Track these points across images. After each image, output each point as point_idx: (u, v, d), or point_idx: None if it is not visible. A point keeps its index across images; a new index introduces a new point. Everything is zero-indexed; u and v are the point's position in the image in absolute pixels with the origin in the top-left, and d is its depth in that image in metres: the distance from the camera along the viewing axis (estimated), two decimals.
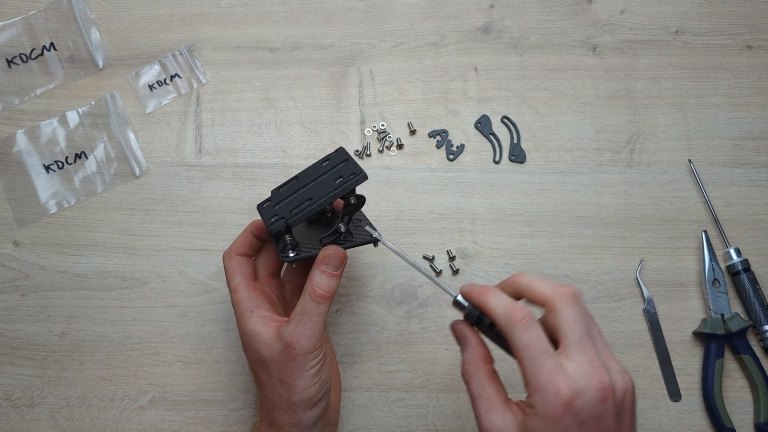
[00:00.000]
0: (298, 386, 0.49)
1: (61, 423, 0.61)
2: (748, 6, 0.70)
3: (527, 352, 0.41)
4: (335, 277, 0.51)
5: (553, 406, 0.39)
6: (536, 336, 0.42)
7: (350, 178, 0.51)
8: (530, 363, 0.41)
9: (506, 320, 0.43)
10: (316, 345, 0.49)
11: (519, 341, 0.42)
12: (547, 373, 0.40)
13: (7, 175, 0.66)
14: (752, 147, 0.67)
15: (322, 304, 0.50)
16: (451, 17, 0.70)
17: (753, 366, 0.61)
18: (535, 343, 0.41)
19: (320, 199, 0.51)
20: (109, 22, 0.70)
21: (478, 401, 0.45)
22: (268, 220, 0.52)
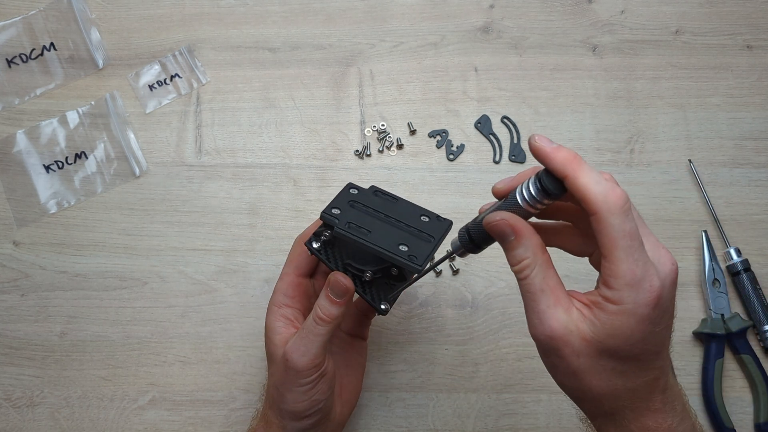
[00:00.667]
0: (286, 397, 0.49)
1: (61, 423, 0.61)
2: (748, 6, 0.70)
3: (625, 242, 0.36)
4: (337, 305, 0.49)
5: (646, 302, 0.36)
6: (633, 224, 0.37)
7: (409, 258, 0.47)
8: (627, 255, 0.36)
9: (605, 201, 0.36)
10: (309, 364, 0.48)
11: (620, 229, 0.36)
12: (643, 267, 0.36)
13: (7, 175, 0.66)
14: (752, 147, 0.67)
15: (320, 326, 0.49)
16: (451, 17, 0.70)
17: (753, 366, 0.61)
18: (634, 233, 0.37)
19: (373, 243, 0.47)
20: (109, 22, 0.70)
21: (540, 296, 0.39)
22: (330, 207, 0.49)
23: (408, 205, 0.52)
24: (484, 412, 0.61)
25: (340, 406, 0.54)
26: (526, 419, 0.61)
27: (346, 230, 0.48)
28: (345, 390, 0.55)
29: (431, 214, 0.51)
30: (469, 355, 0.62)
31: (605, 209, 0.36)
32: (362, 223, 0.49)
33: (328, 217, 0.49)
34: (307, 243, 0.51)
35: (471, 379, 0.62)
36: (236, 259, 0.65)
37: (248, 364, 0.62)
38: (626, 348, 0.37)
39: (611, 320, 0.37)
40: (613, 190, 0.37)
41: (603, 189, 0.37)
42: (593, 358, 0.38)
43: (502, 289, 0.64)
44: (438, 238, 0.49)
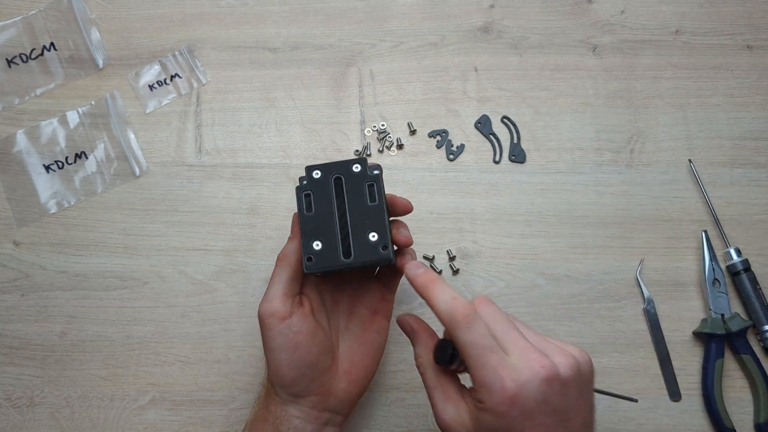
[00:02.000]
0: (268, 358, 0.51)
1: (61, 423, 0.61)
2: (748, 6, 0.70)
3: (471, 351, 0.42)
4: (291, 240, 0.52)
5: (500, 402, 0.40)
6: (479, 334, 0.42)
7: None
8: (475, 361, 0.42)
9: (449, 319, 0.43)
10: (270, 311, 0.50)
11: (462, 341, 0.42)
12: (491, 370, 0.41)
13: (7, 175, 0.66)
14: (752, 147, 0.67)
15: (277, 266, 0.51)
16: (451, 17, 0.70)
17: (753, 366, 0.61)
18: (478, 341, 0.42)
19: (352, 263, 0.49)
20: (109, 22, 0.70)
21: (433, 392, 0.46)
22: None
23: (379, 211, 0.50)
24: None
25: (346, 383, 0.53)
26: None
27: (297, 194, 0.50)
28: (355, 368, 0.54)
29: (381, 237, 0.49)
30: None
31: (450, 325, 0.43)
32: (318, 199, 0.50)
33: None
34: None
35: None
36: (236, 259, 0.65)
37: (248, 364, 0.62)
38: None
39: (479, 415, 0.42)
40: (455, 307, 0.43)
41: (448, 307, 0.43)
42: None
43: (502, 289, 0.64)
44: (352, 261, 0.49)
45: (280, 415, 0.52)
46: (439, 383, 0.46)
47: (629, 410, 0.61)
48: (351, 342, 0.55)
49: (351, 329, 0.55)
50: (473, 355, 0.42)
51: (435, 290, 0.44)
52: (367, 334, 0.55)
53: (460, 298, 0.43)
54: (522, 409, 0.40)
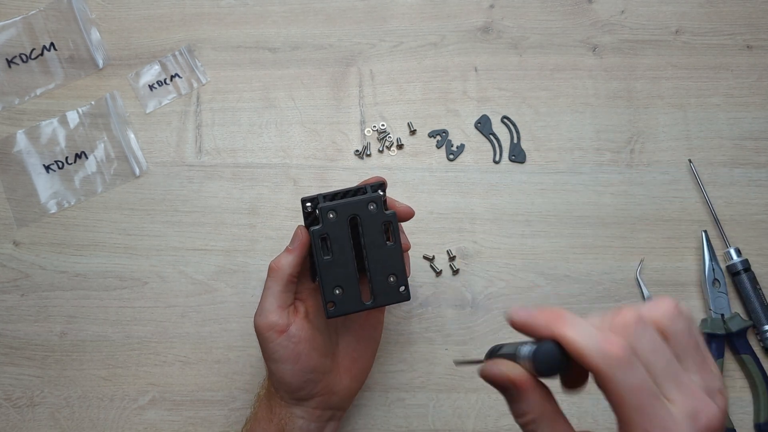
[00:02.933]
0: (271, 369, 0.51)
1: (61, 423, 0.61)
2: (748, 6, 0.70)
3: (633, 400, 0.32)
4: (287, 252, 0.52)
5: None
6: (641, 376, 0.32)
7: (325, 303, 0.49)
8: (638, 414, 0.32)
9: (601, 357, 0.32)
10: (267, 325, 0.50)
11: (622, 385, 0.32)
12: (659, 427, 0.32)
13: (7, 175, 0.66)
14: (752, 147, 0.67)
15: (270, 278, 0.51)
16: (451, 17, 0.70)
17: (753, 366, 0.61)
18: (643, 386, 0.32)
19: (319, 269, 0.50)
20: (109, 22, 0.70)
21: None
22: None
23: (395, 253, 0.50)
24: (484, 412, 0.61)
25: (348, 380, 0.54)
26: None
27: (314, 239, 0.50)
28: (355, 364, 0.55)
29: (400, 279, 0.50)
30: (469, 355, 0.62)
31: (603, 365, 0.32)
32: (335, 243, 0.50)
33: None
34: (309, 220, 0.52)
35: (471, 379, 0.62)
36: (236, 259, 0.65)
37: (248, 364, 0.62)
38: None
39: None
40: (608, 341, 0.32)
41: (596, 342, 0.32)
42: None
43: (502, 289, 0.64)
44: (372, 305, 0.50)
45: (285, 416, 0.52)
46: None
47: None
48: (349, 338, 0.55)
49: (348, 326, 0.55)
50: (634, 406, 0.32)
51: (568, 325, 0.34)
52: (363, 330, 0.56)
53: (606, 330, 0.33)
54: None
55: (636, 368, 0.32)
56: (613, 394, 0.32)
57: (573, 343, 0.33)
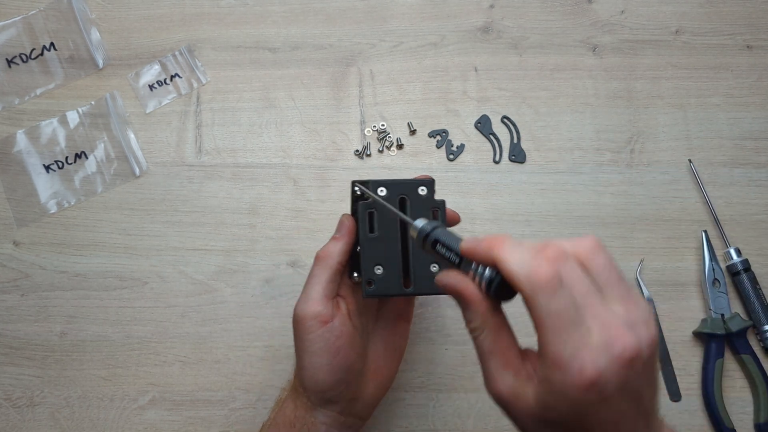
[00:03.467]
0: (305, 362, 0.49)
1: (61, 423, 0.61)
2: (748, 6, 0.70)
3: (549, 322, 0.34)
4: (334, 240, 0.51)
5: (575, 386, 0.34)
6: (564, 303, 0.35)
7: (367, 281, 0.48)
8: (553, 336, 0.34)
9: (529, 281, 0.35)
10: (311, 313, 0.48)
11: (544, 309, 0.35)
12: (571, 349, 0.34)
13: (7, 175, 0.66)
14: (752, 147, 0.67)
15: (317, 266, 0.50)
16: (451, 17, 0.70)
17: (753, 366, 0.61)
18: (562, 313, 0.34)
19: (361, 244, 0.49)
20: (109, 22, 0.70)
21: (489, 357, 0.38)
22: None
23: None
24: (484, 412, 0.61)
25: (373, 387, 0.53)
26: None
27: (361, 212, 0.49)
28: (380, 372, 0.53)
29: (442, 269, 0.49)
30: (469, 355, 0.62)
31: (529, 288, 0.35)
32: (382, 219, 0.49)
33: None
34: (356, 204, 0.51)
35: (471, 379, 0.62)
36: (236, 259, 0.65)
37: (248, 364, 0.62)
38: (564, 420, 0.35)
39: (545, 397, 0.35)
40: (539, 267, 0.35)
41: (526, 267, 0.35)
42: (538, 424, 0.37)
43: None
44: (412, 291, 0.49)
45: (308, 420, 0.50)
46: (498, 347, 0.38)
47: None
48: (377, 345, 0.54)
49: (378, 332, 0.54)
50: (551, 328, 0.34)
51: (506, 249, 0.36)
52: (392, 338, 0.54)
53: (539, 257, 0.35)
54: (599, 395, 0.34)
55: (558, 296, 0.35)
56: (535, 316, 0.35)
57: (507, 266, 0.36)
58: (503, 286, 0.37)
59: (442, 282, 0.40)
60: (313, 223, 0.65)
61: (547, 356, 0.35)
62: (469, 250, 0.39)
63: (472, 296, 0.39)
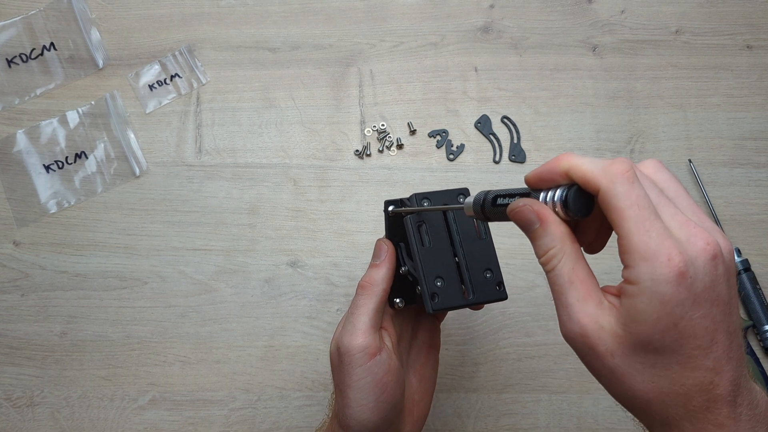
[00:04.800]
0: (349, 398, 0.45)
1: (61, 423, 0.61)
2: (748, 6, 0.70)
3: (632, 212, 0.32)
4: (376, 267, 0.48)
5: (665, 278, 0.31)
6: (642, 193, 0.33)
7: (431, 295, 0.46)
8: (637, 225, 0.32)
9: (605, 173, 0.33)
10: (359, 345, 0.45)
11: (625, 198, 0.33)
12: (656, 238, 0.32)
13: (7, 175, 0.66)
14: (752, 147, 0.67)
15: (361, 296, 0.47)
16: (451, 17, 0.70)
17: (753, 366, 0.61)
18: (643, 202, 0.33)
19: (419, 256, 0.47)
20: (109, 22, 0.70)
21: (568, 289, 0.35)
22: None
23: (488, 248, 0.49)
24: (484, 412, 0.61)
25: (410, 424, 0.49)
26: (526, 419, 0.61)
27: (411, 226, 0.47)
28: (417, 407, 0.50)
29: (496, 275, 0.49)
30: (469, 355, 0.62)
31: (606, 180, 0.33)
32: (431, 231, 0.47)
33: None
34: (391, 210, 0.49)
35: (471, 379, 0.62)
36: (236, 259, 0.65)
37: (248, 364, 0.62)
38: (656, 336, 0.32)
39: (633, 304, 0.32)
40: (612, 163, 0.34)
41: (601, 164, 0.34)
42: (628, 355, 0.33)
43: None
44: (474, 300, 0.47)
45: None
46: (577, 276, 0.35)
47: None
48: (412, 379, 0.51)
49: (411, 365, 0.51)
50: (634, 217, 0.32)
51: (575, 157, 0.35)
52: (424, 370, 0.51)
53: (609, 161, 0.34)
54: (690, 290, 0.32)
55: (637, 185, 0.33)
56: (614, 209, 0.33)
57: (581, 168, 0.34)
58: (579, 197, 0.35)
59: (516, 206, 0.37)
60: (313, 223, 0.65)
61: (633, 250, 0.32)
62: (536, 173, 0.37)
63: (549, 216, 0.36)
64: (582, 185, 0.35)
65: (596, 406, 0.61)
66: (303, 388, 0.62)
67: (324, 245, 0.65)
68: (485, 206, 0.40)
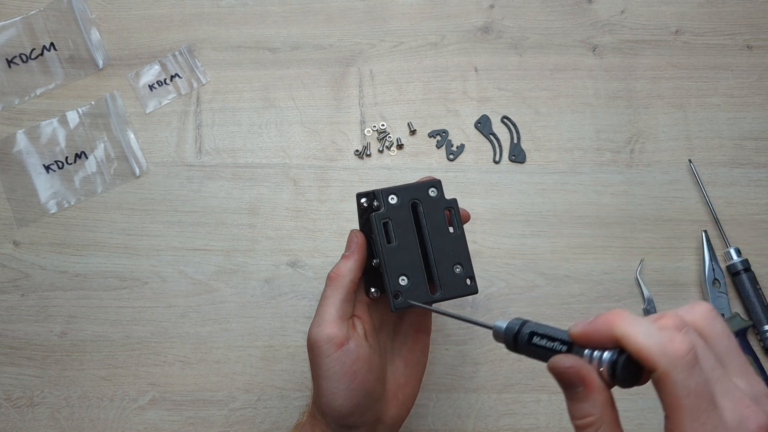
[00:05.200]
0: (322, 387, 0.47)
1: (61, 423, 0.61)
2: (748, 6, 0.70)
3: (689, 402, 0.31)
4: (345, 258, 0.49)
5: None
6: (702, 380, 0.31)
7: (394, 294, 0.46)
8: (691, 418, 0.31)
9: (664, 356, 0.31)
10: (325, 336, 0.46)
11: (683, 387, 0.31)
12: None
13: (7, 175, 0.66)
14: (752, 147, 0.67)
15: (329, 287, 0.48)
16: (451, 17, 0.70)
17: (753, 366, 0.61)
18: (702, 391, 0.31)
19: (384, 256, 0.46)
20: (109, 22, 0.70)
21: None
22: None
23: (460, 241, 0.49)
24: (484, 412, 0.61)
25: (396, 408, 0.50)
26: (526, 419, 0.61)
27: (376, 223, 0.47)
28: (402, 391, 0.51)
29: (467, 269, 0.48)
30: (469, 355, 0.62)
31: (665, 362, 0.31)
32: (398, 228, 0.47)
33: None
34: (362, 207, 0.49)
35: (471, 379, 0.62)
36: (236, 259, 0.65)
37: (248, 364, 0.62)
38: None
39: None
40: (672, 339, 0.32)
41: (659, 340, 0.32)
42: None
43: (502, 289, 0.64)
44: (441, 297, 0.48)
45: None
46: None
47: (629, 410, 0.61)
48: (397, 364, 0.52)
49: (396, 350, 0.52)
50: (689, 409, 0.31)
51: (628, 323, 0.33)
52: (411, 354, 0.52)
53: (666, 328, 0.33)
54: None
55: (696, 371, 0.31)
56: (670, 396, 0.31)
57: (635, 341, 0.32)
58: (630, 369, 0.33)
59: (562, 366, 0.35)
60: (313, 223, 0.65)
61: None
62: (582, 332, 0.35)
63: (595, 383, 0.34)
64: (635, 358, 0.33)
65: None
66: (303, 388, 0.62)
67: (324, 245, 0.65)
68: (519, 340, 0.38)
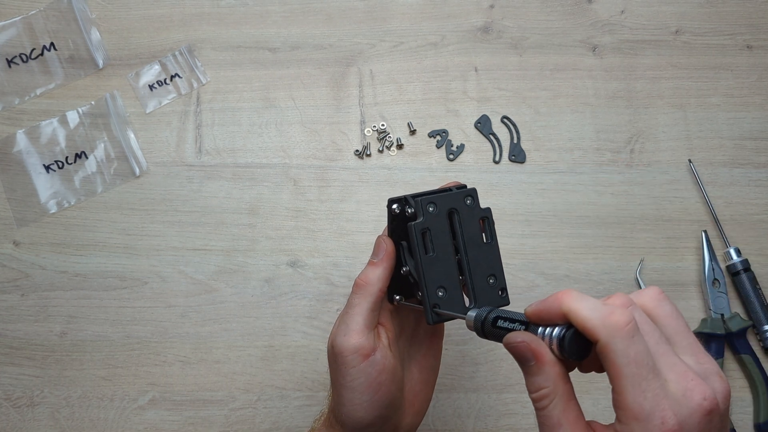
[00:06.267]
0: (344, 397, 0.46)
1: (61, 423, 0.61)
2: (748, 6, 0.70)
3: (629, 370, 0.33)
4: (373, 265, 0.47)
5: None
6: (642, 349, 0.33)
7: (432, 306, 0.45)
8: (633, 384, 0.33)
9: (605, 327, 0.33)
10: (352, 347, 0.45)
11: (623, 355, 0.33)
12: (652, 399, 0.32)
13: (7, 175, 0.66)
14: (752, 147, 0.67)
15: (356, 295, 0.46)
16: (451, 17, 0.70)
17: (753, 366, 0.61)
18: (642, 359, 0.33)
19: (422, 266, 0.45)
20: (109, 22, 0.70)
21: (558, 429, 0.35)
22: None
23: (493, 252, 0.48)
24: (484, 412, 0.61)
25: (411, 416, 0.49)
26: (526, 419, 0.61)
27: (415, 233, 0.45)
28: (417, 398, 0.50)
29: (500, 281, 0.47)
30: (469, 355, 0.62)
31: (605, 333, 0.33)
32: (435, 238, 0.46)
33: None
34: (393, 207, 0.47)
35: (471, 379, 0.62)
36: (236, 259, 0.65)
37: (248, 364, 0.62)
38: None
39: None
40: (613, 312, 0.33)
41: (601, 313, 0.34)
42: None
43: None
44: (476, 308, 0.46)
45: None
46: (567, 418, 0.35)
47: None
48: (413, 370, 0.51)
49: (412, 356, 0.51)
50: (630, 376, 0.33)
51: (575, 299, 0.35)
52: (425, 360, 0.51)
53: (610, 304, 0.35)
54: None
55: (636, 341, 0.33)
56: (611, 365, 0.33)
57: (580, 314, 0.34)
58: (576, 341, 0.35)
59: (514, 341, 0.37)
60: (313, 223, 0.65)
61: (627, 408, 0.33)
62: (535, 310, 0.37)
63: (546, 356, 0.36)
64: (580, 331, 0.35)
65: (596, 406, 0.61)
66: (303, 388, 0.62)
67: (324, 245, 0.65)
68: (485, 325, 0.40)
